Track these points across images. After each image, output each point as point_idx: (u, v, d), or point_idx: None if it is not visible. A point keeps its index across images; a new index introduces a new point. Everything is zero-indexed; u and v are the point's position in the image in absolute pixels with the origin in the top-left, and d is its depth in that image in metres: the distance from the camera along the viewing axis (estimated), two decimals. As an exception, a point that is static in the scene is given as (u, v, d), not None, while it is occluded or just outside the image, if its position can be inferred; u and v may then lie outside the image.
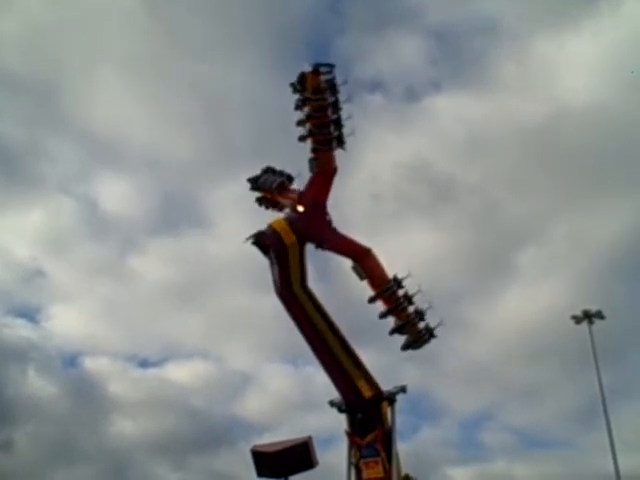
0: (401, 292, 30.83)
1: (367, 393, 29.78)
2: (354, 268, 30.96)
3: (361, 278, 31.02)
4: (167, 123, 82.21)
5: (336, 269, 33.63)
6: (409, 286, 30.74)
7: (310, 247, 29.65)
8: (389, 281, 30.86)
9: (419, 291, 30.48)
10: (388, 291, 30.70)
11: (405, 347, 31.54)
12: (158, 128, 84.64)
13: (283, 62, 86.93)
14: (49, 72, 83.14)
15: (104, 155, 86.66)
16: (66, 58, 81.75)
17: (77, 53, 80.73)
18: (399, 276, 30.72)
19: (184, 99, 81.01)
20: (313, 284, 29.65)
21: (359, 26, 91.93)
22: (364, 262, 31.01)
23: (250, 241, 28.45)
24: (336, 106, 29.21)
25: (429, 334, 31.13)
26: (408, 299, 30.69)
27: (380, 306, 31.26)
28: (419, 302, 30.74)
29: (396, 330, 31.19)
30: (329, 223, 30.83)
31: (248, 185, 34.65)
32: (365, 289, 31.06)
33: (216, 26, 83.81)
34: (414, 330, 31.06)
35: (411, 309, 30.90)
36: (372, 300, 31.13)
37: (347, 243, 31.25)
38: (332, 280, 31.93)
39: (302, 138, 29.50)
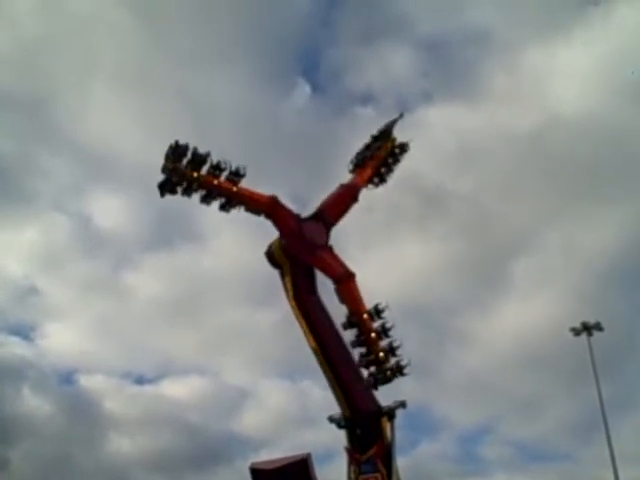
0: (377, 324, 30.50)
1: (345, 412, 30.07)
2: (335, 291, 30.88)
3: (340, 301, 30.87)
4: (159, 137, 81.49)
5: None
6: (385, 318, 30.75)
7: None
8: (364, 311, 30.52)
9: (393, 326, 30.46)
10: (360, 325, 30.41)
11: (372, 384, 30.51)
12: (150, 142, 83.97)
13: (274, 74, 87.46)
14: (41, 87, 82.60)
15: (97, 170, 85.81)
16: (58, 73, 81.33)
17: (69, 68, 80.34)
18: (380, 306, 30.52)
19: (176, 112, 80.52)
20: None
21: (350, 38, 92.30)
22: (342, 286, 30.71)
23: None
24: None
25: (399, 371, 30.36)
26: (384, 331, 30.39)
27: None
28: (394, 335, 30.64)
29: (365, 365, 30.53)
30: (315, 243, 31.27)
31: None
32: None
33: (207, 39, 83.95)
34: (383, 367, 30.32)
35: (384, 343, 30.44)
36: (346, 327, 30.72)
37: (329, 264, 31.19)
38: (331, 294, 31.88)
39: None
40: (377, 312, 30.51)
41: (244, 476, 30.29)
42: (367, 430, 29.74)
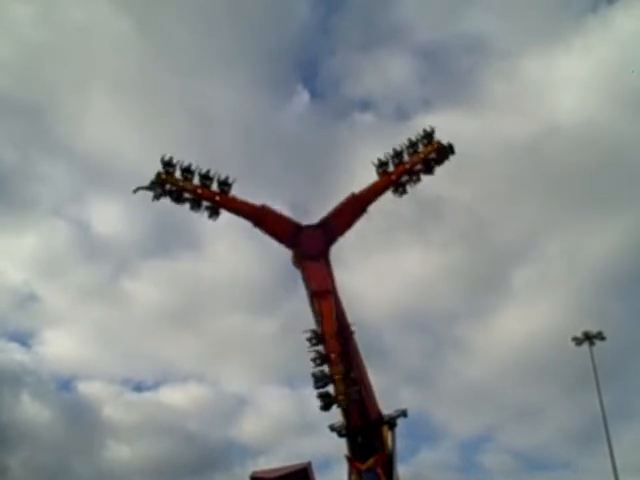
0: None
1: (345, 421, 29.89)
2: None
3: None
4: (159, 144, 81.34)
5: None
6: None
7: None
8: (329, 331, 28.00)
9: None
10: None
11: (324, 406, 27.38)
12: (150, 149, 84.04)
13: (274, 81, 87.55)
14: (41, 94, 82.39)
15: (96, 177, 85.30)
16: (58, 79, 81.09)
17: (69, 74, 79.89)
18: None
19: (176, 119, 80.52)
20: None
21: (349, 46, 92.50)
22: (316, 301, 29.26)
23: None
24: None
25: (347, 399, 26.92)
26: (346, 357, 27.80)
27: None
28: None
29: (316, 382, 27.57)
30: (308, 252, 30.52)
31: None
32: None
33: (207, 47, 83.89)
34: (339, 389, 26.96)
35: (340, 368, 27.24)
36: (311, 342, 27.86)
37: (309, 277, 30.02)
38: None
39: None
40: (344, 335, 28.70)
41: (243, 483, 30.29)
42: (368, 439, 29.64)
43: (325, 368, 27.12)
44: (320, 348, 27.40)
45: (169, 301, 79.99)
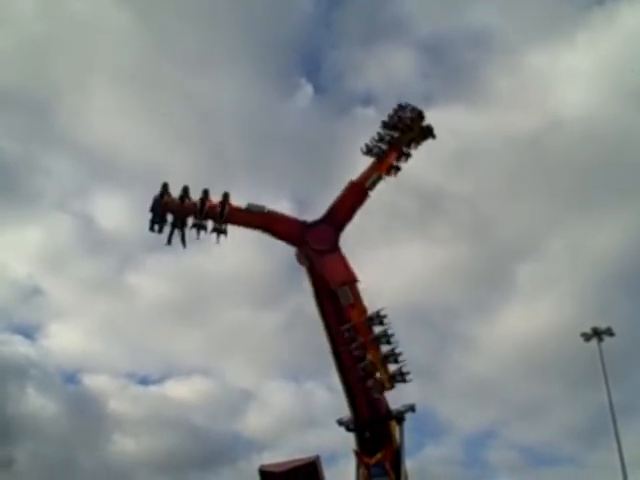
0: (378, 329, 28.09)
1: (354, 416, 29.94)
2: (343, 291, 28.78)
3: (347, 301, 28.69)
4: (163, 138, 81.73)
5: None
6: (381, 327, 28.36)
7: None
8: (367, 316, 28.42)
9: (393, 334, 28.03)
10: (367, 323, 28.14)
11: (377, 391, 28.04)
12: (154, 143, 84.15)
13: (277, 75, 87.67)
14: (44, 88, 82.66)
15: (100, 171, 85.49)
16: (62, 73, 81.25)
17: (72, 68, 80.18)
18: (382, 312, 28.24)
19: (179, 113, 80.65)
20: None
21: (351, 40, 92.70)
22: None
23: None
24: None
25: (401, 379, 27.80)
26: (387, 337, 27.93)
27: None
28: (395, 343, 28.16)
29: (366, 374, 27.93)
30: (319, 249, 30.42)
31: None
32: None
33: (210, 41, 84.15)
34: (386, 371, 27.67)
35: (385, 349, 27.95)
36: (348, 330, 28.11)
37: (329, 271, 29.75)
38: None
39: None
40: (380, 318, 28.28)
41: (248, 477, 30.44)
42: (376, 433, 29.64)
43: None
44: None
45: (174, 295, 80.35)
